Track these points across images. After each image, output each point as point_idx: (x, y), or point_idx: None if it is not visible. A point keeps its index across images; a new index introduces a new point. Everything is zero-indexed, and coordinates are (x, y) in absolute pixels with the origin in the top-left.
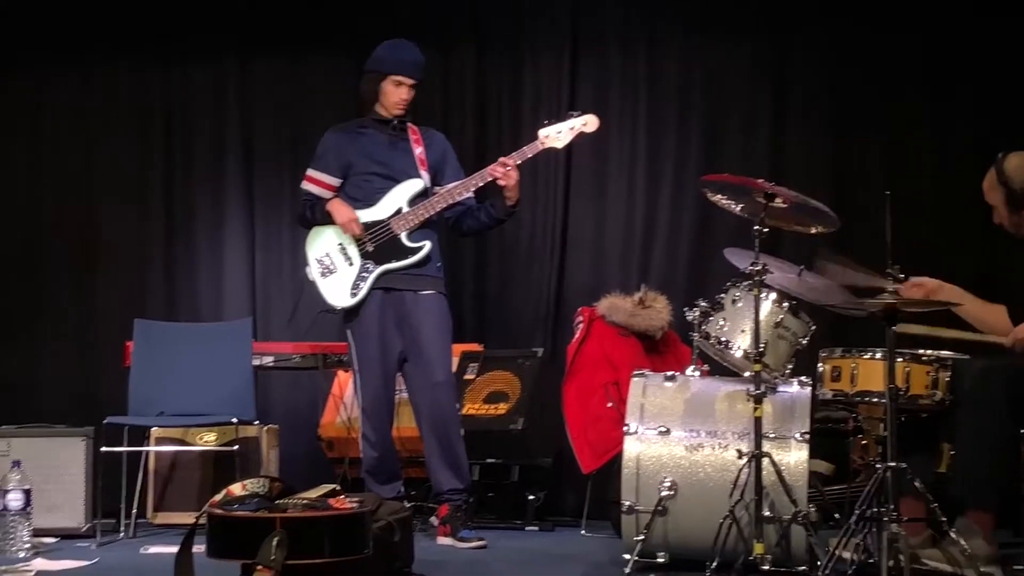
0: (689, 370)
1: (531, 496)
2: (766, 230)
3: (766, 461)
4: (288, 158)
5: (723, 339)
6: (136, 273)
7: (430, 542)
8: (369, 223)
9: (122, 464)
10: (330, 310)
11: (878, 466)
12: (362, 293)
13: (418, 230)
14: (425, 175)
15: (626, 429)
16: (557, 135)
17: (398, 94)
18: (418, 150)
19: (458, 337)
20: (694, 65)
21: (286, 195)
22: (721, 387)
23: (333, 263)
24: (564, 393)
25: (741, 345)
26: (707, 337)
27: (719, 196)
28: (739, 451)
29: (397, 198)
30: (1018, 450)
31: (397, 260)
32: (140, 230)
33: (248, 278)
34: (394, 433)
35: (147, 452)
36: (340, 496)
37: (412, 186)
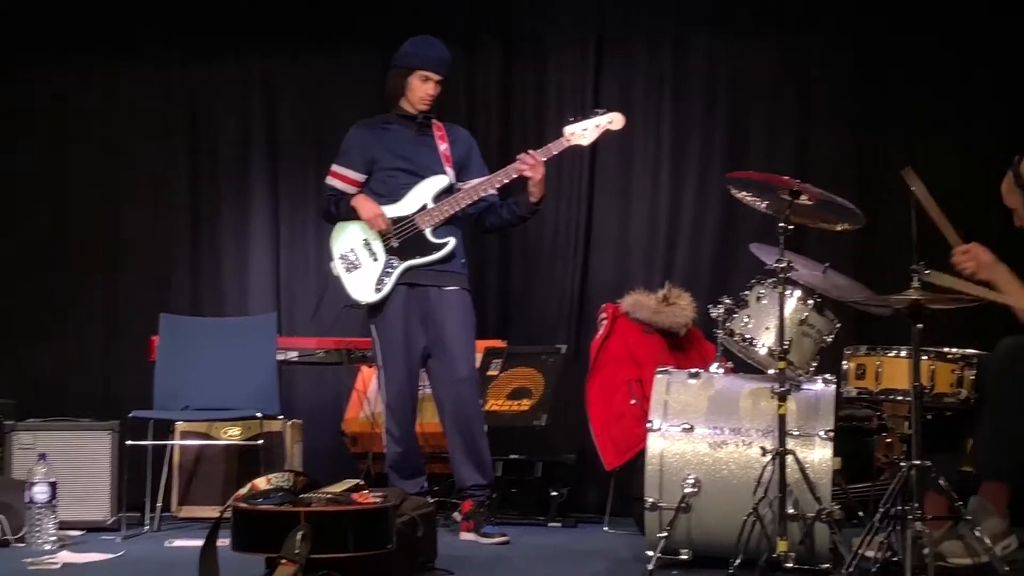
0: (713, 367)
1: (554, 492)
2: (791, 227)
3: (790, 459)
4: (313, 154)
5: (747, 336)
6: (162, 268)
7: (453, 538)
8: (394, 219)
9: (147, 458)
10: (354, 305)
11: (902, 464)
12: (386, 289)
13: (443, 226)
14: (450, 171)
15: (649, 426)
16: (583, 132)
17: (424, 89)
18: (443, 146)
19: (482, 333)
20: (719, 62)
21: (311, 191)
22: (745, 384)
23: (358, 258)
24: (587, 390)
25: (765, 342)
26: (731, 334)
27: (744, 193)
28: (763, 448)
29: (422, 194)
30: None
31: (421, 256)
32: (166, 226)
33: (273, 273)
34: (417, 429)
35: (172, 446)
36: (364, 491)
37: (437, 182)
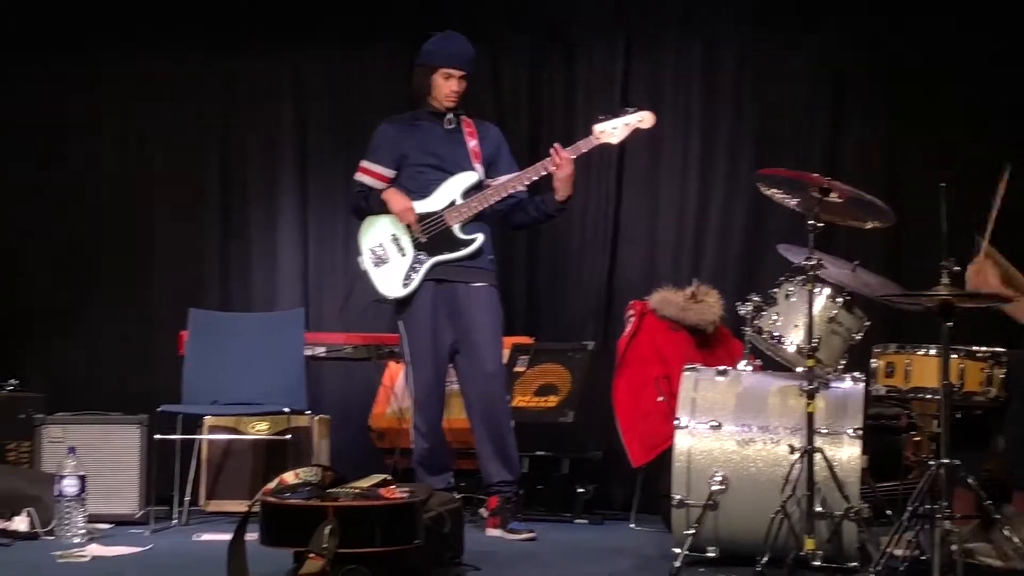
0: (741, 365)
1: (580, 489)
2: (821, 225)
3: (818, 457)
4: (341, 150)
5: (776, 334)
6: (191, 264)
7: (479, 533)
8: (422, 214)
9: (175, 452)
10: (382, 300)
11: (931, 463)
12: (414, 284)
13: (471, 222)
14: (479, 168)
15: (677, 423)
16: (612, 131)
17: (448, 87)
18: (472, 143)
19: (509, 329)
20: (748, 59)
21: (339, 186)
22: (773, 382)
23: (386, 253)
24: (614, 387)
25: (794, 340)
26: (760, 332)
27: (774, 190)
28: (791, 446)
29: (451, 190)
30: None
31: (449, 252)
32: (196, 222)
33: (301, 269)
34: (444, 425)
35: (200, 440)
36: (391, 486)
37: (466, 178)
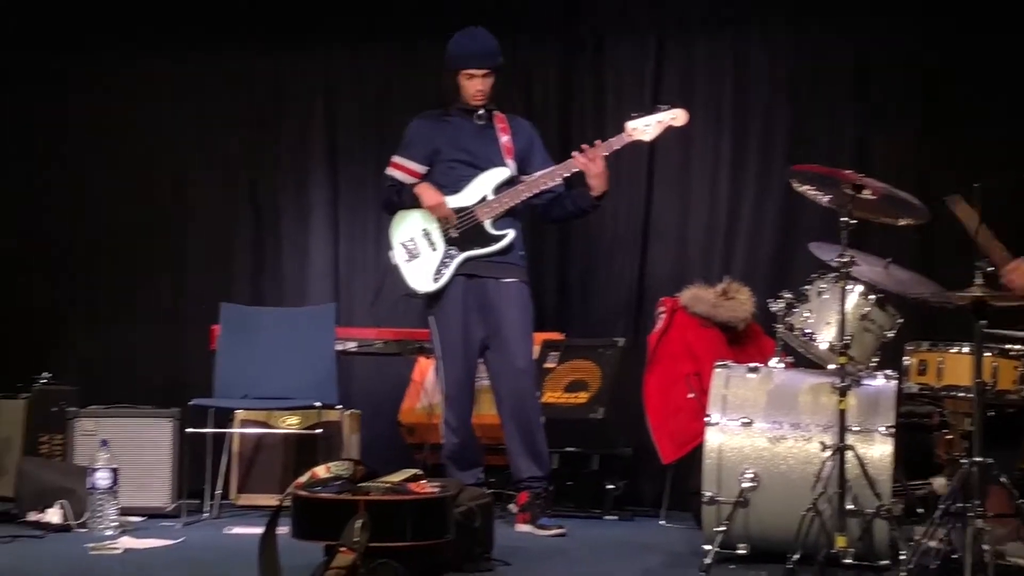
0: (772, 362)
1: (610, 485)
2: (854, 222)
3: (850, 454)
4: (373, 144)
5: (808, 331)
6: (223, 258)
7: (509, 529)
8: (454, 209)
9: (207, 445)
10: (412, 294)
11: (963, 461)
12: (444, 279)
13: (502, 218)
14: (511, 163)
15: (708, 420)
16: (645, 128)
17: (472, 86)
18: (504, 138)
19: (539, 325)
20: (780, 55)
21: (370, 181)
22: (805, 379)
23: (417, 247)
24: (645, 383)
25: (826, 337)
26: (791, 329)
27: (806, 187)
28: (823, 443)
29: (482, 186)
30: None
31: (480, 247)
32: (227, 216)
33: (332, 264)
34: (474, 420)
35: (231, 434)
36: (422, 481)
37: (498, 174)
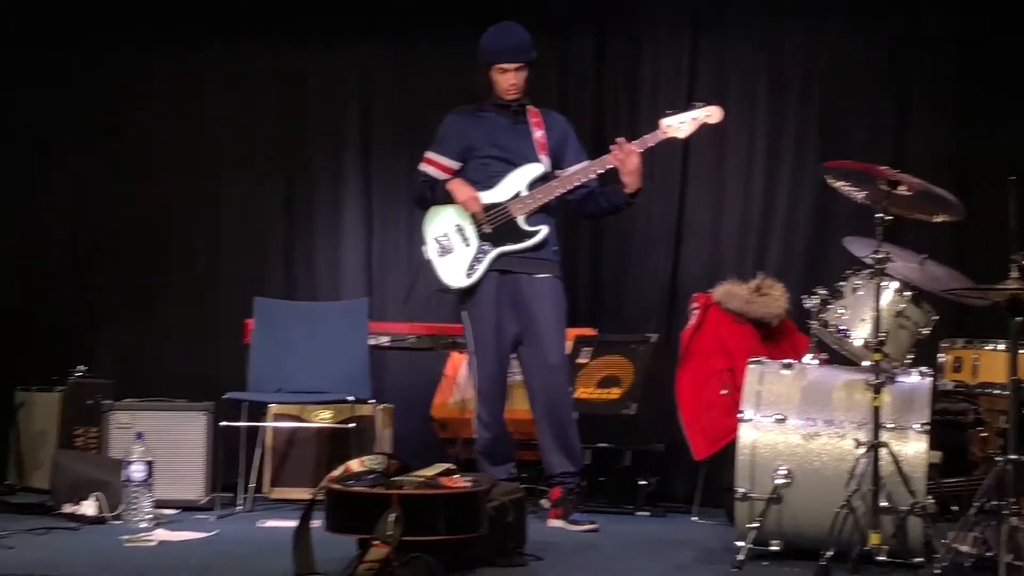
0: (807, 358)
1: (643, 481)
2: (889, 218)
3: (884, 451)
4: (406, 140)
5: (842, 327)
6: (256, 253)
7: (541, 524)
8: (487, 205)
9: (240, 439)
10: (445, 290)
11: (998, 459)
12: (477, 274)
13: (536, 214)
14: (545, 159)
15: (741, 416)
16: (679, 125)
17: (505, 80)
18: (538, 133)
19: (572, 321)
20: (816, 51)
21: (403, 176)
22: (839, 376)
23: (450, 243)
24: (677, 379)
25: (861, 334)
26: (826, 325)
27: (841, 183)
28: (857, 440)
29: (516, 182)
30: None
31: (513, 243)
32: (260, 210)
33: (365, 258)
34: (506, 415)
35: (265, 428)
36: (455, 475)
37: (532, 170)
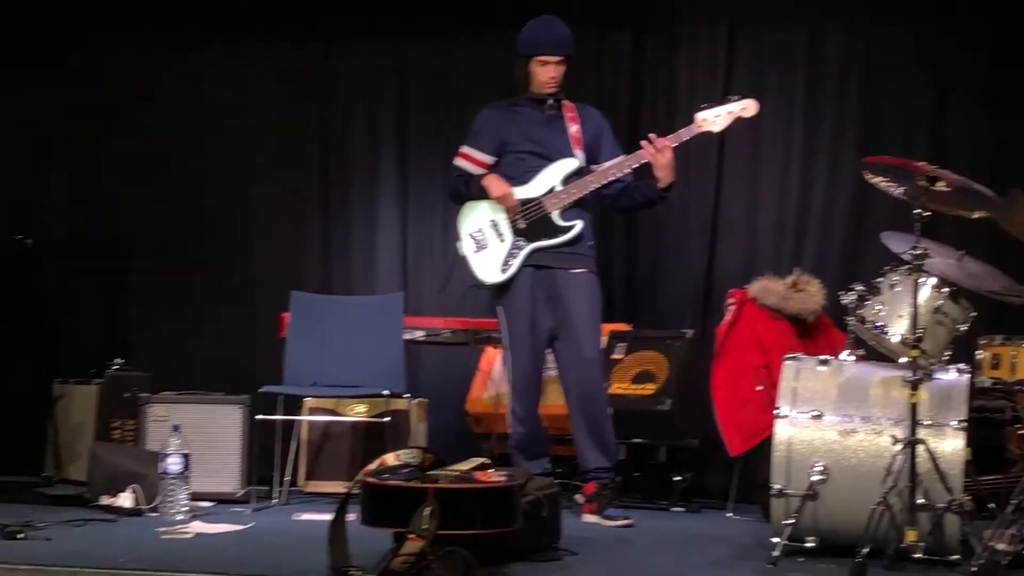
0: (843, 354)
1: (677, 477)
2: (927, 214)
3: (921, 448)
4: (442, 134)
5: (879, 324)
6: (293, 247)
7: (575, 519)
8: (522, 201)
9: (276, 432)
10: (480, 285)
11: None
12: (512, 270)
13: (570, 209)
14: (580, 154)
15: (777, 412)
16: (715, 119)
17: (545, 73)
18: (573, 128)
19: (607, 316)
20: (853, 46)
21: (439, 171)
22: (876, 372)
23: (485, 238)
24: (713, 375)
25: (898, 330)
26: (863, 321)
27: (879, 179)
28: (893, 437)
29: (551, 177)
30: None
31: (548, 238)
32: (296, 205)
33: (400, 253)
34: (541, 410)
35: (300, 421)
36: (490, 470)
37: (566, 165)
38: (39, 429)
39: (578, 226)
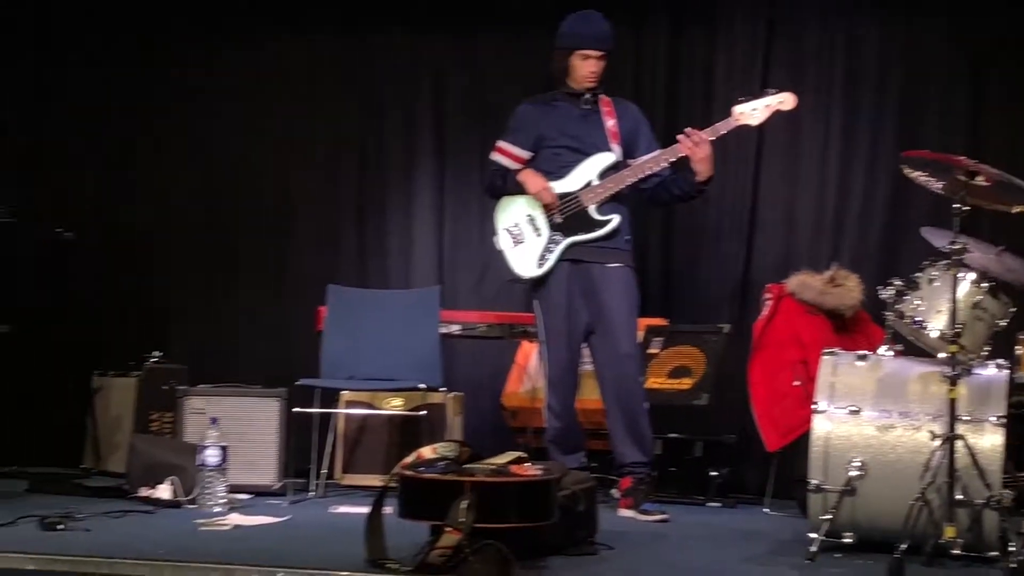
0: (882, 350)
1: (714, 472)
2: (966, 209)
3: (960, 444)
4: (478, 129)
5: (918, 319)
6: (329, 240)
7: (611, 514)
8: (559, 195)
9: (313, 425)
10: (517, 280)
11: None
12: (549, 264)
13: (607, 203)
14: (617, 148)
15: (815, 408)
16: (752, 112)
17: (586, 67)
18: (610, 122)
19: (644, 311)
20: (892, 40)
21: (475, 165)
22: (915, 367)
23: (522, 233)
24: (750, 370)
25: (937, 325)
26: (901, 316)
27: (918, 173)
28: (932, 433)
29: (587, 171)
30: None
31: (585, 233)
32: (334, 198)
33: (437, 247)
34: (577, 405)
35: (337, 414)
36: (526, 464)
37: (603, 159)
38: (78, 421)
39: (615, 220)
